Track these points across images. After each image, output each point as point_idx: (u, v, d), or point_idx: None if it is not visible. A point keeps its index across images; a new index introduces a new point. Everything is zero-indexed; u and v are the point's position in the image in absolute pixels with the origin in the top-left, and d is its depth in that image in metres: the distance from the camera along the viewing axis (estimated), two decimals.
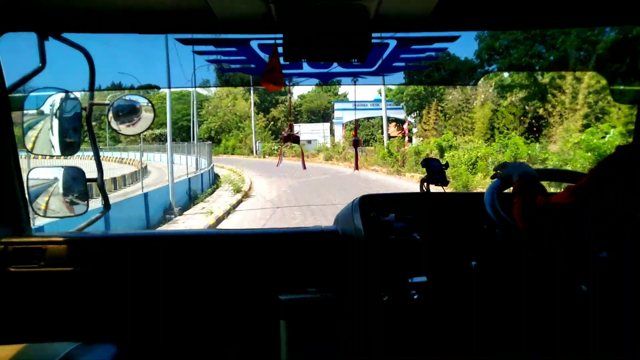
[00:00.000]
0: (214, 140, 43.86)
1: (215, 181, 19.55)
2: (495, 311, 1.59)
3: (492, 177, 1.59)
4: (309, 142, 36.36)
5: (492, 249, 1.60)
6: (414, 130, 28.07)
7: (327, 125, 39.71)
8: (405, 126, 29.79)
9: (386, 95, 30.07)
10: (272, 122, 43.02)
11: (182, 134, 45.07)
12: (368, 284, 1.64)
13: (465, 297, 1.59)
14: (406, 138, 27.11)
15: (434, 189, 1.87)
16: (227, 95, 45.94)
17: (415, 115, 28.78)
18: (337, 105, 38.02)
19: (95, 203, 2.39)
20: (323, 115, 44.54)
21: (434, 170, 1.80)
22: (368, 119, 35.79)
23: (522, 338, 1.55)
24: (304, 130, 38.85)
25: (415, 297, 1.55)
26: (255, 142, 40.11)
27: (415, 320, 1.59)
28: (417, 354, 1.60)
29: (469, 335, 1.58)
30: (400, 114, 31.98)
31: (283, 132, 1.97)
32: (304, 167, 2.27)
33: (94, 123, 1.91)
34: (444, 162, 1.87)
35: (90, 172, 1.92)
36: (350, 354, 1.63)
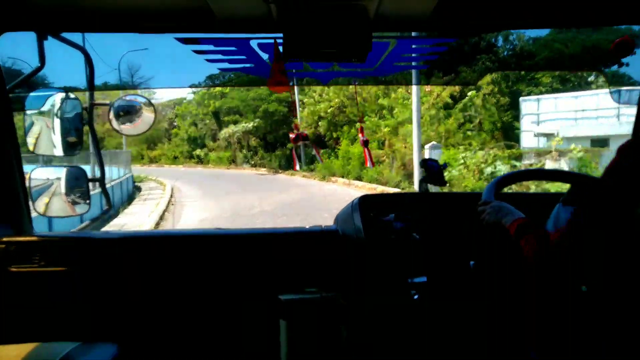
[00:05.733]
0: (324, 141, 19.86)
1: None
2: (495, 311, 1.59)
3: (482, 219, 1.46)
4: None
5: (491, 249, 1.61)
6: None
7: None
8: None
9: None
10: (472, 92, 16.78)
11: (271, 129, 22.76)
12: (368, 284, 1.64)
13: (465, 297, 1.59)
14: None
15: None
16: None
17: None
18: None
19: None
20: (587, 79, 18.98)
21: (433, 170, 1.81)
22: None
23: (521, 338, 1.55)
24: (547, 112, 16.28)
25: (416, 297, 1.55)
26: (420, 145, 12.02)
27: (415, 320, 1.59)
28: (417, 354, 1.60)
29: (469, 335, 1.59)
30: None
31: (292, 132, 1.94)
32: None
33: None
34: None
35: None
36: (350, 354, 1.63)
